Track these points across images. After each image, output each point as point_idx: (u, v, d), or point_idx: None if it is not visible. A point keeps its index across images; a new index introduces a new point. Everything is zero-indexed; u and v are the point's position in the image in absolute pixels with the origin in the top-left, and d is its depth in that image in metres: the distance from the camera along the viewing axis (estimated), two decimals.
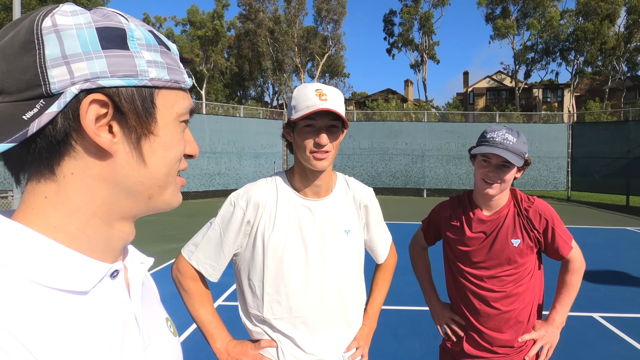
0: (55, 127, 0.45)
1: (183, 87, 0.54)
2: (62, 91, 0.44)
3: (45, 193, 0.48)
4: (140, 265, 0.59)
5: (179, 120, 0.54)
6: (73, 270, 0.47)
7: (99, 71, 0.45)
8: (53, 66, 0.44)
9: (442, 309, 1.89)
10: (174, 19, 39.52)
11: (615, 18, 30.82)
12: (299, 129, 1.27)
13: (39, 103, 0.44)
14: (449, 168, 16.14)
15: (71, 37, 0.45)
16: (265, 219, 1.32)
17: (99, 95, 0.46)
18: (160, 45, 0.52)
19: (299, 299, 1.31)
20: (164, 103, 0.51)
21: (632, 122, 14.51)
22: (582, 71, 33.80)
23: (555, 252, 1.70)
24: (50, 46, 0.44)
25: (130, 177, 0.50)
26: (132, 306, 0.54)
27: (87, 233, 0.49)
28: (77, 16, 0.46)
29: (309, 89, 1.26)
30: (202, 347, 2.61)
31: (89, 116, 0.45)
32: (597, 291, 5.17)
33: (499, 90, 41.30)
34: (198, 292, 1.35)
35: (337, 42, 36.08)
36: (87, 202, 0.49)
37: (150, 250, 6.98)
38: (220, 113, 21.71)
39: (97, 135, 0.46)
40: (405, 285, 5.04)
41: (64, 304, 0.45)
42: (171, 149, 0.53)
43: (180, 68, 0.54)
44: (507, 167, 1.63)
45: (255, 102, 40.13)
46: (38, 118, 0.43)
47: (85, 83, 0.45)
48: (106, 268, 0.51)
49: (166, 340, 0.60)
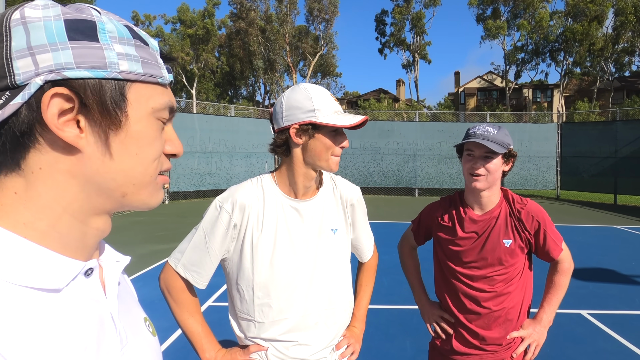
0: (19, 119, 0.44)
1: (160, 82, 0.53)
2: (26, 82, 0.44)
3: (15, 189, 0.47)
4: (116, 264, 0.57)
5: (155, 116, 0.52)
6: (45, 268, 0.46)
7: (64, 62, 0.44)
8: (18, 57, 0.43)
9: (432, 307, 1.90)
10: (164, 17, 39.20)
11: (603, 19, 31.26)
12: (325, 132, 1.27)
13: (4, 95, 0.43)
14: (441, 167, 16.23)
15: (38, 28, 0.44)
16: (253, 222, 1.30)
17: (62, 88, 0.45)
18: (136, 39, 0.50)
19: (289, 300, 1.30)
20: (137, 97, 0.50)
21: (620, 122, 14.73)
22: (571, 72, 34.26)
23: (545, 254, 1.72)
24: (17, 38, 0.44)
25: (101, 174, 0.49)
26: (108, 305, 0.53)
27: (58, 230, 0.48)
28: (47, 9, 0.45)
29: (327, 93, 1.29)
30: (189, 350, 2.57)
31: (50, 110, 0.44)
32: (585, 288, 5.23)
33: (490, 90, 41.66)
34: (186, 301, 1.33)
35: (329, 42, 36.10)
36: (58, 198, 0.48)
37: (139, 251, 6.91)
38: (211, 112, 21.61)
39: (60, 130, 0.45)
40: (396, 284, 5.06)
41: (36, 302, 0.44)
42: (145, 146, 0.51)
43: (157, 63, 0.52)
44: (490, 158, 1.65)
45: (246, 101, 39.99)
46: (1, 109, 0.43)
47: (50, 74, 0.44)
48: (80, 266, 0.50)
49: (144, 339, 0.59)
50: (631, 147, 14.16)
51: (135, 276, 5.59)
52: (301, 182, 1.32)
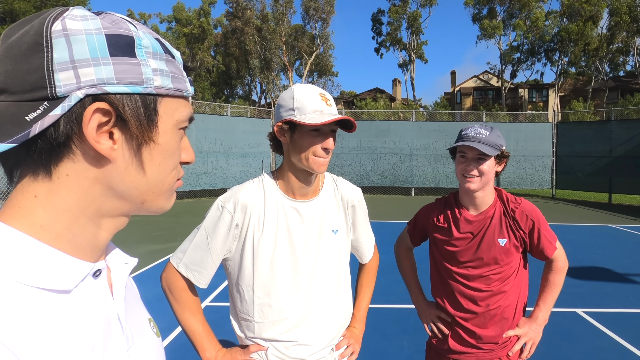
0: (57, 130, 0.45)
1: (185, 95, 0.55)
2: (67, 95, 0.45)
3: (36, 192, 0.48)
4: (123, 265, 0.59)
5: (177, 128, 0.54)
6: (55, 269, 0.47)
7: (105, 77, 0.46)
8: (60, 70, 0.44)
9: (428, 307, 1.91)
10: (159, 16, 39.11)
11: (598, 20, 31.41)
12: (304, 132, 1.25)
13: (43, 105, 0.44)
14: (437, 167, 16.27)
15: (80, 42, 0.45)
16: (254, 222, 1.31)
17: (103, 104, 0.46)
18: (166, 54, 0.52)
19: (289, 301, 1.31)
20: (165, 110, 0.52)
21: (615, 122, 14.83)
22: (566, 71, 34.39)
23: (540, 253, 1.74)
24: (59, 50, 0.44)
25: (126, 182, 0.51)
26: (115, 306, 0.54)
27: (72, 232, 0.49)
28: (87, 21, 0.46)
29: (313, 91, 1.26)
30: (189, 349, 2.59)
31: (91, 124, 0.46)
32: (581, 287, 5.27)
33: (486, 90, 41.78)
34: (188, 301, 1.34)
35: (325, 41, 36.08)
36: (79, 202, 0.49)
37: (136, 251, 6.89)
38: (207, 112, 21.57)
39: (97, 143, 0.46)
40: (393, 283, 5.07)
41: (46, 303, 0.45)
42: (168, 157, 0.53)
43: (183, 76, 0.55)
44: (483, 160, 1.67)
45: (242, 100, 39.90)
46: (41, 120, 0.43)
47: (91, 88, 0.45)
48: (89, 267, 0.51)
49: (149, 340, 0.60)
50: (626, 146, 14.26)
51: (132, 276, 5.55)
52: (294, 182, 1.33)
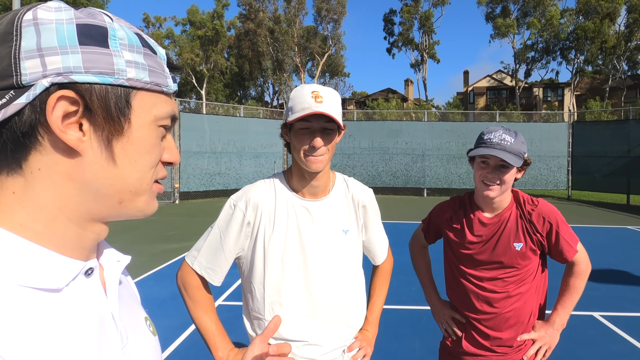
0: (21, 119, 0.44)
1: (165, 91, 0.53)
2: (33, 83, 0.44)
3: (13, 188, 0.46)
4: (116, 263, 0.58)
5: (156, 124, 0.52)
6: (45, 268, 0.46)
7: (72, 66, 0.45)
8: (27, 58, 0.43)
9: (443, 307, 1.89)
10: (174, 19, 39.55)
11: (615, 17, 30.78)
12: (295, 130, 1.28)
13: (9, 94, 0.43)
14: (449, 167, 16.13)
15: (49, 30, 0.44)
16: (265, 221, 1.33)
17: (69, 92, 0.45)
18: (145, 48, 0.51)
19: (299, 299, 1.31)
20: (141, 105, 0.50)
21: (633, 121, 14.50)
22: (583, 70, 33.79)
23: (559, 255, 1.68)
24: (27, 38, 0.44)
25: (100, 178, 0.49)
26: (108, 304, 0.53)
27: (53, 231, 0.48)
28: (60, 12, 0.45)
29: (306, 90, 1.27)
30: (200, 348, 2.60)
31: (55, 112, 0.44)
32: (598, 290, 5.17)
33: (500, 90, 41.27)
34: (202, 299, 1.36)
35: (337, 42, 36.07)
36: (54, 199, 0.48)
37: (151, 251, 6.99)
38: (221, 113, 21.74)
39: (63, 132, 0.45)
40: (405, 284, 5.04)
41: (37, 302, 0.44)
42: (144, 154, 0.51)
43: (164, 72, 0.53)
44: (506, 168, 1.61)
45: (255, 102, 40.12)
46: (4, 108, 0.43)
47: (57, 77, 0.44)
48: (80, 265, 0.50)
49: (145, 339, 0.59)
50: None
51: (146, 275, 5.64)
52: (300, 180, 1.36)
